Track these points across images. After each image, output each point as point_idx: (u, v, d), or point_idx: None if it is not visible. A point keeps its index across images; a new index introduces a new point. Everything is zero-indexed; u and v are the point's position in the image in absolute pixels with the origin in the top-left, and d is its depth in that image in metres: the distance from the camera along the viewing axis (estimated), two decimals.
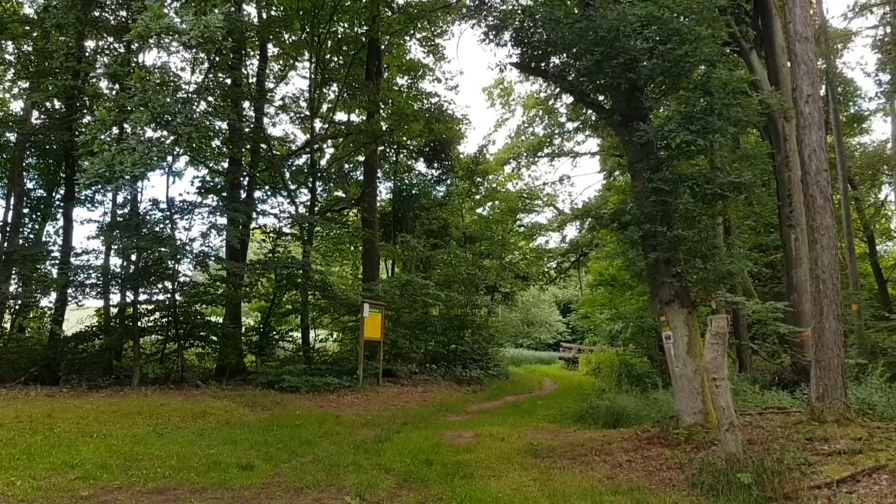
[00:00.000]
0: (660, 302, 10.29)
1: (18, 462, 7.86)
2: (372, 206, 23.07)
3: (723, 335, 7.70)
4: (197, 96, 15.57)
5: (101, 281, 16.71)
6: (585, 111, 18.94)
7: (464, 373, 21.91)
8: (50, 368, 15.50)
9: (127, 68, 14.10)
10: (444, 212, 28.42)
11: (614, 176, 26.48)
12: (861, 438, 7.62)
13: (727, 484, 6.88)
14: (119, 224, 16.68)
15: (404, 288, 21.44)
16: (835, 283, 8.71)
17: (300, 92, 24.03)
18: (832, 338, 8.51)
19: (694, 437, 9.12)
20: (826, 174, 9.06)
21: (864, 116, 27.17)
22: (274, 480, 7.81)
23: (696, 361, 9.63)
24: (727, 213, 14.54)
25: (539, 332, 46.01)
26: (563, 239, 30.72)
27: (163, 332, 17.61)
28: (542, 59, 12.34)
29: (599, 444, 10.00)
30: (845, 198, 20.84)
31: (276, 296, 19.70)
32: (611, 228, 13.50)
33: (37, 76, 16.88)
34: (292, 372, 16.61)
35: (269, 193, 22.39)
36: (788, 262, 15.01)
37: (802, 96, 9.30)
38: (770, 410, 10.59)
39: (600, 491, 7.25)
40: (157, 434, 10.37)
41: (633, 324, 21.51)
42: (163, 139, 13.97)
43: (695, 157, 11.83)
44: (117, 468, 7.91)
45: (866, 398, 9.72)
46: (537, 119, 28.51)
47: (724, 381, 7.54)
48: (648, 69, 9.98)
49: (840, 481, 6.67)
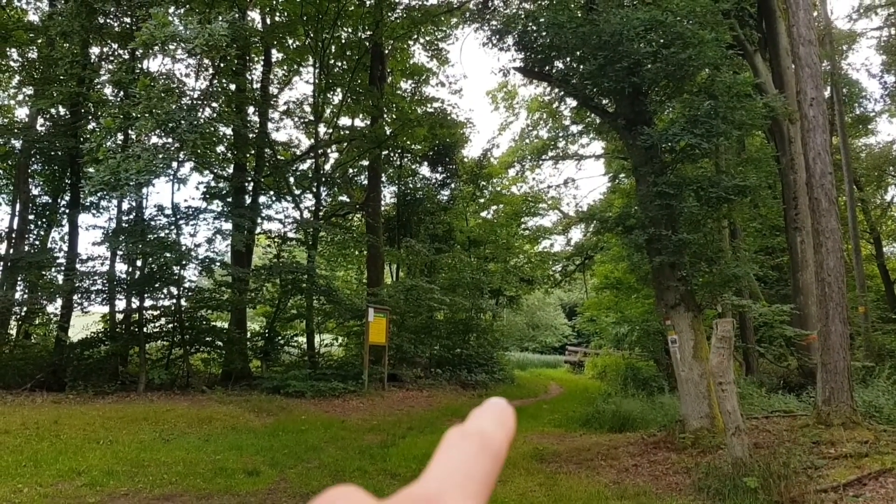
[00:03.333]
0: (665, 306, 10.28)
1: (25, 469, 7.88)
2: (376, 211, 23.07)
3: (728, 339, 7.69)
4: (201, 102, 15.62)
5: (107, 287, 16.72)
6: (590, 114, 18.91)
7: (469, 377, 21.88)
8: (56, 375, 15.50)
9: (132, 75, 14.14)
10: (449, 216, 28.40)
11: (619, 179, 26.40)
12: (867, 442, 7.60)
13: (733, 488, 6.88)
14: (124, 230, 16.71)
15: (409, 292, 21.42)
16: (840, 287, 8.70)
17: (304, 97, 24.02)
18: (838, 341, 8.50)
19: (700, 441, 9.10)
20: (831, 177, 9.04)
21: (870, 118, 27.13)
22: (280, 486, 7.81)
23: (702, 365, 9.61)
24: (732, 217, 14.52)
25: (544, 336, 45.91)
26: (568, 242, 30.67)
27: (168, 337, 17.61)
28: (546, 63, 12.36)
29: (605, 448, 9.99)
30: (851, 199, 20.78)
31: (281, 301, 19.71)
32: (615, 232, 13.52)
33: (42, 83, 16.92)
34: (297, 377, 16.61)
35: (274, 198, 22.40)
36: (794, 265, 14.98)
37: (806, 99, 9.29)
38: (776, 414, 10.57)
39: (606, 496, 7.24)
40: (163, 440, 10.39)
41: (639, 327, 21.45)
42: (168, 146, 14.01)
43: (699, 161, 11.83)
44: (124, 474, 7.92)
45: (873, 401, 9.70)
46: (541, 122, 28.50)
47: (730, 385, 7.52)
48: (652, 73, 9.99)
49: (846, 485, 6.65)
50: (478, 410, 0.46)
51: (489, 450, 0.41)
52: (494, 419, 0.44)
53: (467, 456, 0.40)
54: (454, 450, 0.41)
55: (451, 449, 0.41)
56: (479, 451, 0.41)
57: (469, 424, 0.44)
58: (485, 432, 0.42)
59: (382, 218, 24.56)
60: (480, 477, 0.39)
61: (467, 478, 0.38)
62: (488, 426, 0.43)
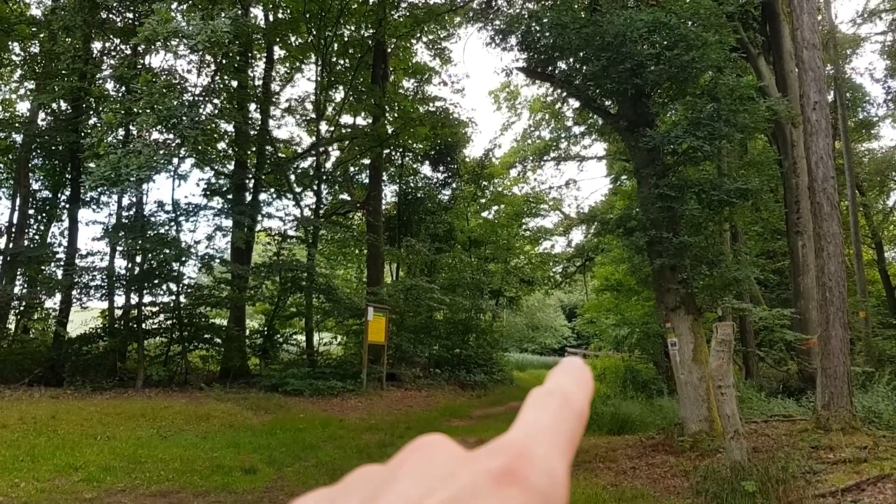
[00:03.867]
0: (665, 308, 10.26)
1: (22, 464, 7.87)
2: (377, 210, 23.04)
3: (728, 342, 7.67)
4: (203, 99, 15.59)
5: (106, 283, 16.71)
6: (592, 115, 18.89)
7: (468, 377, 21.86)
8: (54, 370, 15.49)
9: (133, 71, 14.12)
10: (450, 216, 28.37)
11: (621, 181, 26.38)
12: (866, 447, 7.58)
13: (731, 492, 6.86)
14: (124, 226, 16.69)
15: (409, 292, 21.40)
16: (841, 292, 8.68)
17: (306, 94, 24.00)
18: (838, 346, 8.48)
19: (699, 444, 9.09)
20: (833, 181, 9.02)
21: (873, 122, 27.10)
22: (277, 484, 7.80)
23: (702, 368, 9.59)
24: (734, 220, 14.49)
25: (544, 337, 45.88)
26: (569, 243, 30.57)
27: (167, 334, 17.61)
28: (549, 63, 12.33)
29: (604, 450, 9.97)
30: (853, 204, 20.76)
31: (280, 299, 19.70)
32: (616, 234, 13.50)
33: (43, 78, 16.91)
34: (296, 375, 16.59)
35: (275, 196, 22.37)
36: (795, 269, 14.95)
37: (809, 103, 9.27)
38: (776, 418, 10.55)
39: (604, 498, 7.23)
40: (161, 437, 10.37)
41: (639, 329, 21.44)
42: (168, 142, 13.99)
43: (701, 163, 11.81)
44: (121, 471, 7.91)
45: (872, 406, 9.69)
46: (543, 123, 28.45)
47: (730, 389, 7.50)
48: (655, 74, 9.96)
49: (845, 490, 6.63)
50: (557, 370, 0.46)
51: (573, 408, 0.42)
52: (574, 379, 0.45)
53: (552, 412, 0.40)
54: (540, 407, 0.41)
55: (537, 406, 0.41)
56: (563, 409, 0.41)
57: (550, 383, 0.44)
58: (567, 391, 0.43)
59: (383, 217, 24.54)
60: (566, 433, 0.39)
61: (555, 433, 0.39)
62: (569, 384, 0.44)
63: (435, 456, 0.37)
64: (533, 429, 0.39)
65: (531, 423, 0.39)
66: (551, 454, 0.37)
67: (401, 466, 0.37)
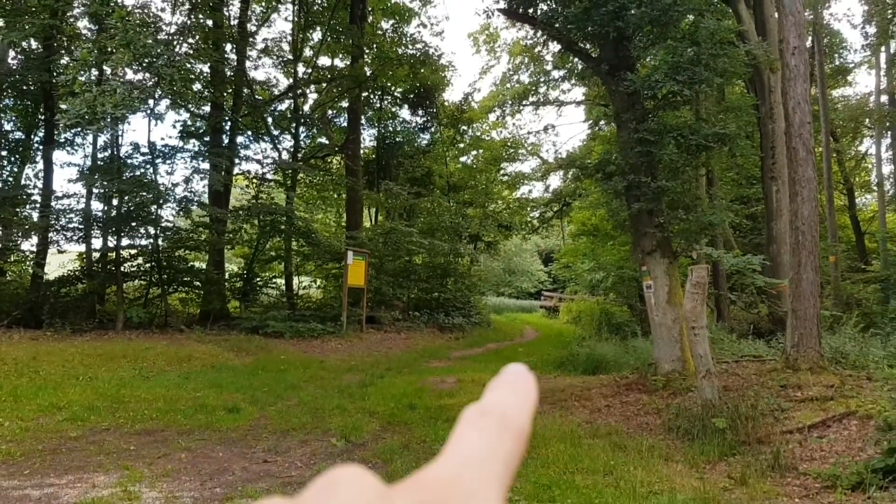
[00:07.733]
0: (642, 252, 10.42)
1: (5, 404, 7.94)
2: (356, 153, 22.87)
3: (702, 285, 7.85)
4: (178, 38, 15.26)
5: (83, 225, 16.56)
6: (572, 59, 18.75)
7: (446, 320, 22.13)
8: (33, 312, 15.45)
9: (107, 8, 13.75)
10: (428, 160, 28.31)
11: (599, 126, 26.36)
12: (833, 386, 7.86)
13: (702, 428, 7.10)
14: (100, 168, 16.48)
15: (388, 236, 21.48)
16: (814, 236, 8.87)
17: (283, 35, 23.55)
18: (809, 288, 8.70)
19: (671, 383, 9.35)
20: (809, 127, 9.13)
21: (849, 69, 27.22)
22: (260, 423, 7.94)
23: (676, 310, 9.81)
24: (710, 165, 14.63)
25: (521, 281, 46.28)
26: (547, 188, 30.61)
27: (146, 277, 17.59)
28: (530, 5, 12.21)
29: (579, 390, 10.23)
30: (827, 150, 20.99)
31: (259, 242, 19.69)
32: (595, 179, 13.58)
33: (13, 15, 16.35)
34: (276, 318, 16.72)
35: (252, 139, 22.13)
36: (769, 214, 15.18)
37: (789, 48, 9.31)
38: (746, 358, 10.85)
39: (579, 434, 7.45)
40: (143, 377, 10.47)
41: (614, 274, 21.70)
42: (144, 81, 13.74)
43: (680, 108, 11.85)
44: (104, 410, 8.01)
45: (839, 347, 9.98)
46: (523, 66, 28.16)
47: (703, 330, 7.71)
48: (637, 17, 9.92)
49: (811, 426, 6.90)
50: (495, 381, 0.41)
51: (510, 427, 0.37)
52: (514, 391, 0.40)
53: (487, 435, 0.37)
54: (472, 429, 0.37)
55: (469, 429, 0.37)
56: (499, 429, 0.37)
57: (487, 399, 0.39)
58: (505, 407, 0.39)
59: (362, 160, 24.40)
60: (502, 457, 0.36)
61: (488, 459, 0.35)
62: (508, 399, 0.39)
63: (346, 494, 0.32)
64: (462, 457, 0.35)
65: (460, 452, 0.36)
66: (481, 487, 0.34)
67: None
